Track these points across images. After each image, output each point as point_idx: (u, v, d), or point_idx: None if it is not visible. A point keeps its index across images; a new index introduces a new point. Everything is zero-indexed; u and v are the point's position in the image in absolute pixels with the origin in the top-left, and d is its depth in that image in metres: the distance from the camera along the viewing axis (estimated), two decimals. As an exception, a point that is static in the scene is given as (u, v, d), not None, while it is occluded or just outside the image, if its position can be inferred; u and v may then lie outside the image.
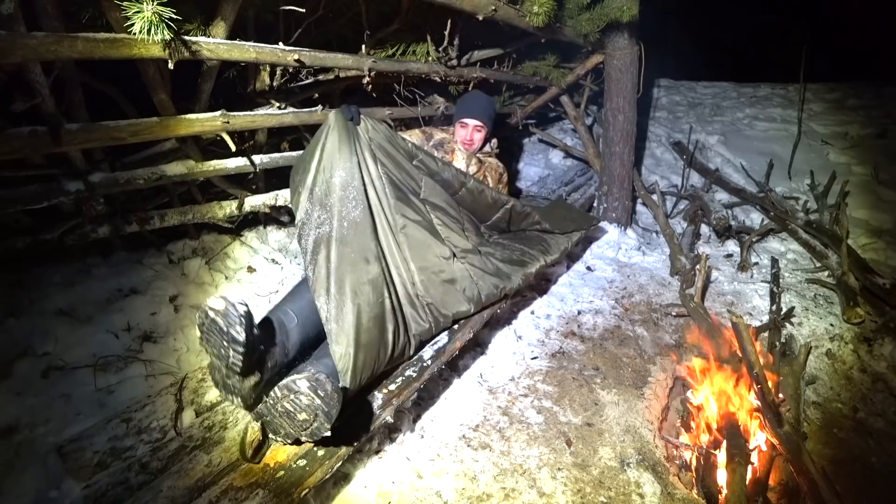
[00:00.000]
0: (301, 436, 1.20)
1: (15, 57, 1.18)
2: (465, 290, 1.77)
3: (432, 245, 1.73)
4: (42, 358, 1.68)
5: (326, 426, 1.18)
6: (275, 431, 1.24)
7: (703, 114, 5.14)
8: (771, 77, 5.66)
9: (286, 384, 1.18)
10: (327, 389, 1.16)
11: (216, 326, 1.14)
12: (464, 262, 1.81)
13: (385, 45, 2.38)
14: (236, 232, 2.51)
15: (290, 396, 1.18)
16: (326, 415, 1.17)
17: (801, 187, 3.83)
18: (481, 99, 2.40)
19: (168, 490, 1.19)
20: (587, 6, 2.64)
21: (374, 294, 1.45)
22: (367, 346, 1.40)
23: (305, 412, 1.17)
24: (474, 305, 1.79)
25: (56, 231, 1.79)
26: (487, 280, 1.84)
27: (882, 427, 1.93)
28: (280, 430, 1.22)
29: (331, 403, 1.16)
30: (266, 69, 2.16)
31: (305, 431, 1.19)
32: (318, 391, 1.16)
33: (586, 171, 3.92)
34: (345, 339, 1.36)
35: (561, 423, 1.79)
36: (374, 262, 1.49)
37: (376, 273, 1.48)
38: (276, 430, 1.24)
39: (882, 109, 4.75)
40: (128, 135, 1.56)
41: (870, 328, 2.38)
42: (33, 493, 1.30)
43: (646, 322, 2.44)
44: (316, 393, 1.16)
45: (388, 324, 1.48)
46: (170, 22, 1.19)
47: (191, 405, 1.44)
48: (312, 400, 1.16)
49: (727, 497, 1.51)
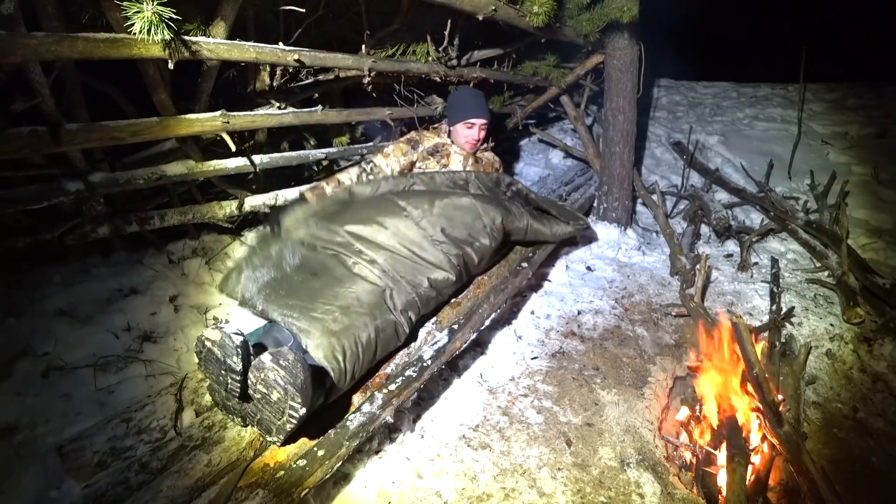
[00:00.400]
0: (286, 424, 1.19)
1: (15, 57, 1.18)
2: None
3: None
4: (42, 358, 1.68)
5: (298, 400, 1.16)
6: (267, 430, 1.24)
7: (703, 114, 5.13)
8: (771, 77, 5.67)
9: (254, 364, 1.19)
10: (289, 359, 1.16)
11: (213, 356, 1.21)
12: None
13: (385, 45, 2.38)
14: (236, 232, 2.51)
15: (260, 377, 1.18)
16: (294, 387, 1.15)
17: (801, 187, 3.83)
18: (478, 96, 2.40)
19: (168, 490, 1.19)
20: (587, 6, 2.64)
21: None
22: (342, 332, 1.42)
23: (276, 390, 1.17)
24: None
25: (56, 231, 1.79)
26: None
27: (882, 427, 1.93)
28: (270, 425, 1.23)
29: (294, 373, 1.15)
30: (266, 69, 2.16)
31: (285, 415, 1.18)
32: (280, 361, 1.16)
33: (586, 171, 3.92)
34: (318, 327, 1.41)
35: (561, 423, 1.79)
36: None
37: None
38: (267, 429, 1.24)
39: (882, 109, 4.75)
40: (128, 135, 1.56)
41: (870, 328, 2.38)
42: (33, 493, 1.30)
43: (646, 322, 2.44)
44: (278, 363, 1.16)
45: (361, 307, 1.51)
46: (170, 22, 1.20)
47: (191, 405, 1.45)
48: (277, 372, 1.16)
49: (727, 497, 1.51)
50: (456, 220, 1.83)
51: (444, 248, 1.79)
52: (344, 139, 2.79)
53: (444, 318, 1.91)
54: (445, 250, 1.79)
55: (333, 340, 1.39)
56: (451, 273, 1.79)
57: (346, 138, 2.81)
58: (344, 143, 2.77)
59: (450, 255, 1.80)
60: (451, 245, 1.81)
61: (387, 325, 1.56)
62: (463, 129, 2.34)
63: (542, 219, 2.20)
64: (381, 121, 2.65)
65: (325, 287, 1.55)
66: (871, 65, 5.77)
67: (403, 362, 1.68)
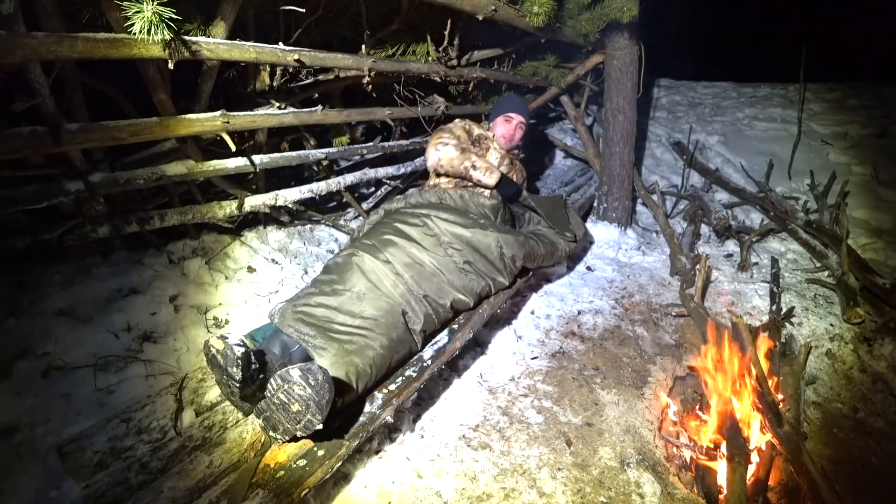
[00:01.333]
0: (296, 430, 1.22)
1: (15, 57, 1.18)
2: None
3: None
4: (42, 358, 1.68)
5: (318, 417, 1.19)
6: (273, 427, 1.26)
7: (703, 114, 5.14)
8: (771, 77, 5.66)
9: (281, 374, 1.22)
10: (318, 379, 1.19)
11: (217, 362, 1.29)
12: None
13: (385, 45, 2.38)
14: (236, 232, 2.51)
15: (283, 387, 1.21)
16: (317, 405, 1.18)
17: (801, 187, 3.83)
18: (522, 100, 2.56)
19: (168, 490, 1.19)
20: (587, 6, 2.64)
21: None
22: (357, 352, 1.43)
23: (298, 403, 1.20)
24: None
25: (56, 231, 1.79)
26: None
27: (882, 427, 1.93)
28: (279, 425, 1.24)
29: (321, 393, 1.18)
30: (266, 69, 2.16)
31: (299, 424, 1.21)
32: (310, 380, 1.19)
33: (586, 171, 3.92)
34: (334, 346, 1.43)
35: (561, 423, 1.79)
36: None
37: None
38: (274, 426, 1.25)
39: (882, 109, 4.75)
40: (128, 135, 1.56)
41: (870, 328, 2.38)
42: (33, 493, 1.30)
43: (646, 322, 2.44)
44: (307, 381, 1.18)
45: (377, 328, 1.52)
46: (170, 22, 1.19)
47: (191, 405, 1.44)
48: (304, 389, 1.19)
49: (727, 497, 1.51)
50: (478, 254, 1.88)
51: (470, 278, 1.85)
52: (344, 139, 2.79)
53: (444, 318, 1.91)
54: (469, 280, 1.84)
55: (348, 360, 1.41)
56: (471, 301, 1.85)
57: (346, 138, 2.81)
58: (344, 143, 2.77)
59: (472, 285, 1.85)
60: (475, 276, 1.87)
61: (401, 346, 1.57)
62: (502, 123, 2.42)
63: (550, 244, 2.25)
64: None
65: (344, 305, 1.53)
66: (871, 65, 5.76)
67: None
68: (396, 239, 1.74)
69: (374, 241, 1.73)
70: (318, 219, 2.89)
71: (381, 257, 1.66)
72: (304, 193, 2.45)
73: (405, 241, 1.74)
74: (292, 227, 2.76)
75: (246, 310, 2.12)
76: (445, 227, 1.83)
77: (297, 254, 2.61)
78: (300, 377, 1.19)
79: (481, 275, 1.88)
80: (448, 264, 1.78)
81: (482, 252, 1.88)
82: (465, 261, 1.83)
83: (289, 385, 1.20)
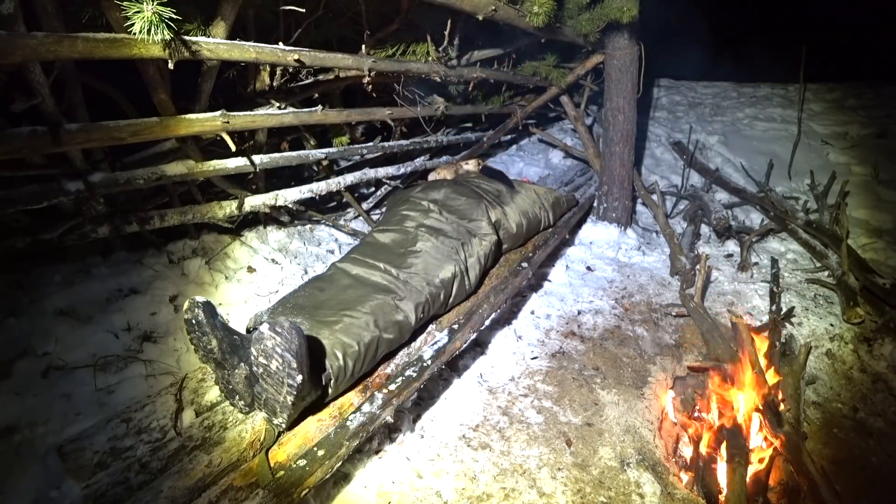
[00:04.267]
0: (287, 396, 1.24)
1: (15, 57, 1.18)
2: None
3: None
4: (42, 358, 1.68)
5: (294, 365, 1.21)
6: (272, 410, 1.28)
7: (703, 114, 5.14)
8: (771, 77, 5.66)
9: (254, 336, 1.26)
10: (284, 325, 1.23)
11: (190, 325, 1.32)
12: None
13: (385, 45, 2.38)
14: (236, 232, 2.51)
15: (260, 348, 1.25)
16: (290, 352, 1.21)
17: (801, 187, 3.83)
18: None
19: (168, 490, 1.18)
20: (587, 6, 2.64)
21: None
22: (343, 330, 1.47)
23: (275, 358, 1.23)
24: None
25: (56, 231, 1.79)
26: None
27: (882, 427, 1.93)
28: (273, 403, 1.27)
29: (289, 338, 1.22)
30: (266, 69, 2.16)
31: (285, 386, 1.23)
32: (276, 328, 1.23)
33: (586, 171, 3.92)
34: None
35: (561, 423, 1.79)
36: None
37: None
38: (272, 408, 1.28)
39: (882, 109, 4.75)
40: (128, 135, 1.56)
41: (870, 328, 2.38)
42: (33, 492, 1.30)
43: (646, 322, 2.44)
44: (274, 331, 1.22)
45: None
46: (170, 22, 1.19)
47: (191, 405, 1.44)
48: (274, 340, 1.22)
49: (727, 497, 1.51)
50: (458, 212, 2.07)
51: (453, 256, 1.92)
52: (344, 139, 2.79)
53: (444, 318, 1.91)
54: (454, 257, 1.91)
55: (335, 339, 1.44)
56: (457, 270, 1.90)
57: (346, 138, 2.81)
58: (344, 143, 2.77)
59: (458, 260, 1.91)
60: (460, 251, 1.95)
61: (390, 326, 1.58)
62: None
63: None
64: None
65: (331, 298, 1.60)
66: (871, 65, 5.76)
67: (403, 362, 1.68)
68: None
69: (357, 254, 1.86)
70: (318, 219, 2.89)
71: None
72: (304, 193, 2.46)
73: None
74: (292, 227, 2.77)
75: (246, 310, 2.12)
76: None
77: (297, 254, 2.61)
78: (268, 329, 1.23)
79: (465, 235, 2.01)
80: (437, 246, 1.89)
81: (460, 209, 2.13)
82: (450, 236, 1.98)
83: (262, 344, 1.24)
